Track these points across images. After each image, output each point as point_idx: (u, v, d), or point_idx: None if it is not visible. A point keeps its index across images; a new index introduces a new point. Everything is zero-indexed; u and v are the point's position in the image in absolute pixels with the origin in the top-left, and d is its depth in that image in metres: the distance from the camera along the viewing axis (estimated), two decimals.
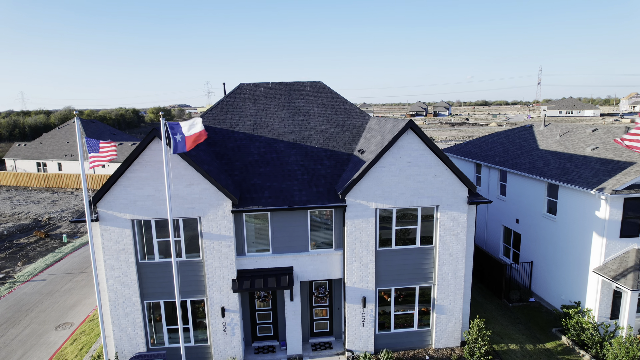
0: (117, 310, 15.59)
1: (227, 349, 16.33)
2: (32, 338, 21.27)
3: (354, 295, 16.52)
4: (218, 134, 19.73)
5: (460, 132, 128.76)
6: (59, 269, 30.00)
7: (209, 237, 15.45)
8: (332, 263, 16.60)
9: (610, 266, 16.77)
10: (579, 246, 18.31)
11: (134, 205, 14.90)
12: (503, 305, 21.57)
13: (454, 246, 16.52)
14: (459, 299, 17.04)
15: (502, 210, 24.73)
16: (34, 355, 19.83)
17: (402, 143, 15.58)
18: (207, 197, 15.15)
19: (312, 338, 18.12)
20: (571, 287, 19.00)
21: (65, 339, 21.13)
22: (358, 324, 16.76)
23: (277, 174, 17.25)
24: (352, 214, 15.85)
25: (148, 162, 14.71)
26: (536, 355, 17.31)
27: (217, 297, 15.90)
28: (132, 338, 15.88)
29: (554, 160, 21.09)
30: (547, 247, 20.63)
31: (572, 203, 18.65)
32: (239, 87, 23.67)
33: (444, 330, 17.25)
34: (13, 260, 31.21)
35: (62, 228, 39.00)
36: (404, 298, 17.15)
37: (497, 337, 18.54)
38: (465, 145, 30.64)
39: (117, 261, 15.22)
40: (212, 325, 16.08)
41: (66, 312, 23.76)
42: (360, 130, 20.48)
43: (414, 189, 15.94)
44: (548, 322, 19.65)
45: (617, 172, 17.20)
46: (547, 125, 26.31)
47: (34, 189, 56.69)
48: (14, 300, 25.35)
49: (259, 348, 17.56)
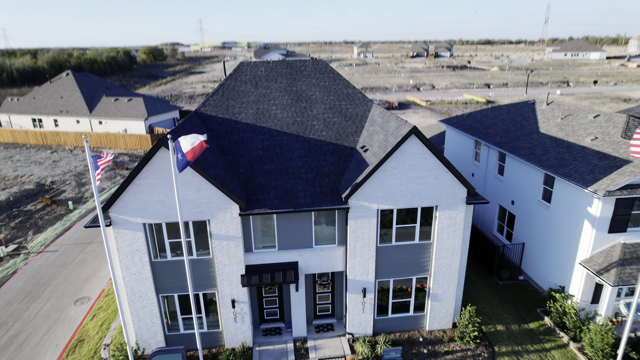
0: (135, 303, 16.74)
1: (237, 334, 17.76)
2: (54, 313, 22.78)
3: (355, 286, 17.68)
4: (221, 125, 19.78)
5: (461, 79, 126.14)
6: (69, 238, 31.14)
7: (218, 237, 16.20)
8: (334, 258, 17.56)
9: (596, 259, 17.83)
10: (569, 236, 19.26)
11: (144, 210, 15.45)
12: (494, 283, 23.02)
13: (451, 242, 17.41)
14: (452, 288, 18.26)
15: (499, 190, 25.44)
16: (58, 330, 21.41)
17: (405, 148, 15.85)
18: (215, 201, 15.67)
19: (316, 320, 19.59)
20: (558, 273, 20.24)
21: (85, 314, 22.66)
22: (358, 311, 18.10)
23: (281, 172, 17.64)
24: (355, 214, 16.51)
25: (156, 170, 15.03)
26: (520, 336, 18.93)
27: (227, 290, 17.01)
28: (150, 327, 17.20)
29: (553, 149, 21.42)
30: (539, 231, 21.62)
31: (567, 195, 19.31)
32: (240, 67, 23.23)
33: (438, 314, 18.68)
34: (24, 230, 32.24)
35: (67, 193, 39.72)
36: (402, 287, 18.36)
37: (486, 317, 20.10)
38: (466, 119, 30.62)
39: (131, 261, 16.08)
40: (224, 314, 17.36)
41: (82, 286, 25.18)
42: (363, 119, 20.52)
43: (415, 191, 16.48)
44: (534, 302, 21.16)
45: (613, 169, 17.67)
46: (549, 104, 26.22)
47: (32, 147, 56.61)
48: (31, 272, 26.67)
49: (267, 330, 19.05)
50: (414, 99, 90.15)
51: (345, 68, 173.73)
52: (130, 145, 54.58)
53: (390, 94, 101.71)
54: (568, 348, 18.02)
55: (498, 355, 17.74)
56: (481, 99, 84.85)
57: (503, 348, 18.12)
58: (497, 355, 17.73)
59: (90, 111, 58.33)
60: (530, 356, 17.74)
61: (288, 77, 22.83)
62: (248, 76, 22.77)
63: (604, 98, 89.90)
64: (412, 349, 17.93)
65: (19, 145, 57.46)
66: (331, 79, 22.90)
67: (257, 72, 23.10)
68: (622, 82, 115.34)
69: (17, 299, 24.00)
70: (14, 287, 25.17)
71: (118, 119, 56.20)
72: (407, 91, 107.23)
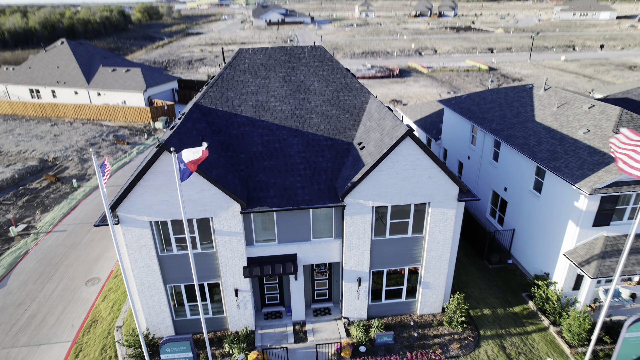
0: (144, 293, 17.88)
1: (241, 319, 19.06)
2: (67, 293, 24.13)
3: (350, 276, 18.77)
4: (221, 119, 20.16)
5: (464, 42, 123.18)
6: (75, 218, 32.16)
7: (221, 233, 17.07)
8: (331, 250, 18.53)
9: (579, 251, 18.81)
10: (556, 227, 20.15)
11: (150, 209, 16.21)
12: (484, 267, 24.20)
13: (442, 235, 18.31)
14: (442, 276, 19.37)
15: (493, 175, 26.11)
16: (72, 311, 22.81)
17: (399, 149, 16.38)
18: (217, 200, 16.41)
19: (314, 304, 20.88)
20: (544, 260, 21.31)
21: (96, 295, 24.01)
22: (354, 297, 19.30)
23: (280, 169, 18.25)
24: (351, 211, 17.29)
25: (160, 172, 15.65)
26: (504, 320, 20.27)
27: (230, 280, 18.11)
28: (158, 313, 18.45)
29: (546, 140, 21.87)
30: (529, 219, 22.50)
31: (556, 187, 20.02)
32: (238, 54, 23.26)
33: (428, 300, 19.91)
34: (31, 209, 33.22)
35: (70, 170, 40.40)
36: (395, 276, 19.47)
37: (474, 302, 21.38)
38: (464, 100, 30.74)
39: (139, 255, 17.04)
40: (227, 302, 18.57)
41: (91, 267, 26.43)
42: (360, 112, 20.85)
43: (409, 189, 17.17)
44: (520, 286, 22.40)
45: (601, 166, 18.26)
46: (546, 89, 26.33)
47: (31, 119, 56.65)
48: (42, 253, 27.87)
49: (268, 314, 20.37)
50: (415, 65, 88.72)
51: (346, 29, 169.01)
52: (130, 118, 54.61)
53: (392, 59, 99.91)
54: (548, 331, 19.39)
55: (483, 338, 19.12)
56: (483, 66, 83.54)
57: (488, 331, 19.49)
58: (482, 338, 19.11)
59: (88, 82, 57.84)
60: (512, 339, 19.12)
61: (287, 65, 22.90)
62: (247, 65, 22.84)
63: (609, 65, 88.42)
64: (404, 332, 19.29)
65: (18, 117, 57.47)
66: (329, 67, 22.97)
67: (255, 60, 23.13)
68: (629, 47, 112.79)
69: (32, 280, 25.31)
70: (27, 267, 26.43)
71: (116, 90, 55.86)
72: (409, 56, 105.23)
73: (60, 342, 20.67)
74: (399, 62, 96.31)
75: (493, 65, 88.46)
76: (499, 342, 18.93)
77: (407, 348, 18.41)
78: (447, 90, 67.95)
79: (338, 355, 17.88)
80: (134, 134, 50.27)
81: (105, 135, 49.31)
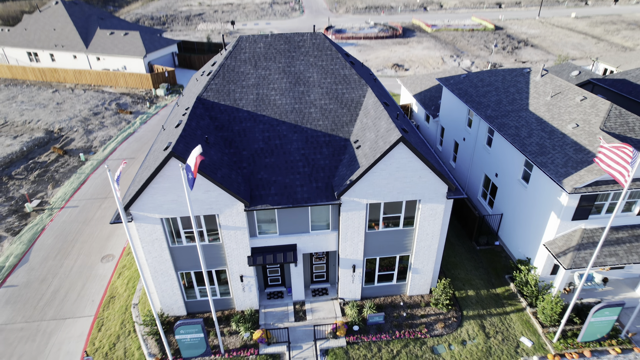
0: (158, 279, 19.66)
1: (246, 300, 21.01)
2: (85, 270, 26.11)
3: (346, 263, 20.44)
4: (224, 113, 20.96)
5: None
6: (85, 193, 33.65)
7: (227, 228, 18.52)
8: (328, 240, 20.06)
9: (558, 242, 20.30)
10: (539, 217, 21.51)
11: (160, 207, 17.55)
12: (472, 248, 25.89)
13: (431, 228, 19.74)
14: (431, 263, 21.03)
15: (486, 160, 27.13)
16: (91, 287, 24.88)
17: (393, 153, 17.37)
18: (222, 200, 17.69)
19: (312, 284, 22.77)
20: (527, 246, 22.88)
21: (112, 271, 25.99)
22: (349, 282, 21.11)
23: (281, 166, 19.34)
24: (346, 208, 18.60)
25: (169, 175, 16.81)
26: (487, 300, 22.20)
27: (235, 268, 19.81)
28: (171, 296, 20.36)
29: (537, 133, 22.68)
30: (516, 207, 23.83)
31: (542, 181, 21.15)
32: (239, 43, 23.57)
33: (417, 283, 21.74)
34: (43, 184, 34.64)
35: (76, 142, 41.38)
36: (387, 263, 21.14)
37: (460, 283, 23.25)
38: (462, 81, 31.03)
39: (152, 247, 18.61)
40: (234, 286, 20.41)
41: (105, 244, 28.26)
42: (358, 106, 21.56)
43: (401, 188, 18.36)
44: (504, 268, 24.17)
45: (583, 165, 19.28)
46: (543, 75, 26.66)
47: (32, 84, 56.66)
48: (58, 229, 29.63)
49: (270, 294, 22.32)
50: (419, 22, 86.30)
51: None
52: (131, 84, 54.61)
53: (396, 15, 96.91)
54: (524, 312, 21.36)
55: (465, 318, 21.13)
56: (489, 25, 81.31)
57: (470, 312, 21.47)
58: (464, 318, 21.12)
59: (87, 46, 57.16)
60: (492, 319, 21.14)
61: (286, 55, 23.26)
62: (247, 54, 23.21)
63: (621, 23, 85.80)
64: (394, 312, 21.28)
65: (19, 83, 57.44)
66: (329, 57, 23.34)
67: (256, 48, 23.46)
68: None
69: (51, 256, 27.23)
70: (46, 243, 28.28)
71: (116, 55, 55.37)
72: (414, 11, 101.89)
73: (84, 317, 22.86)
74: (403, 18, 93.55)
75: (499, 24, 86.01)
76: (479, 322, 20.95)
77: (396, 327, 20.46)
78: (450, 53, 66.87)
79: (334, 334, 19.96)
80: (136, 102, 50.61)
81: (108, 104, 49.72)
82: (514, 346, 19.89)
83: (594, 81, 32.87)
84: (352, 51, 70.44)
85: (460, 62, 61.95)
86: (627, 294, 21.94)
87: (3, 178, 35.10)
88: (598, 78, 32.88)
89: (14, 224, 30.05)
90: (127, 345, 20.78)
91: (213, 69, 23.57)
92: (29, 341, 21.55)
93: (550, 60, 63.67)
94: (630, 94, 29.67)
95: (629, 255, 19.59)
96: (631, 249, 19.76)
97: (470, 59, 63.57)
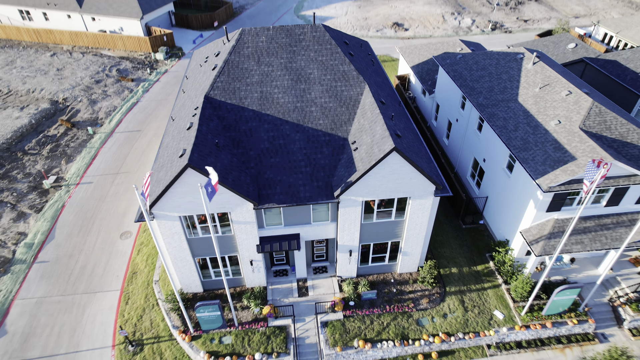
0: (177, 264, 22.30)
1: (255, 279, 23.87)
2: (106, 246, 28.79)
3: (343, 248, 23.03)
4: (230, 113, 22.46)
5: None
6: (97, 168, 35.57)
7: (238, 222, 20.83)
8: (328, 230, 22.48)
9: (532, 230, 22.78)
10: (519, 206, 23.81)
11: (179, 207, 19.72)
12: (458, 227, 28.48)
13: (420, 219, 22.10)
14: (419, 247, 23.65)
15: (476, 144, 28.92)
16: (114, 262, 27.70)
17: (386, 160, 19.24)
18: (234, 200, 19.82)
19: (313, 263, 25.56)
20: (507, 229, 25.42)
21: (131, 248, 28.69)
22: (346, 263, 23.86)
23: (285, 166, 21.24)
24: (344, 205, 20.80)
25: (186, 182, 18.78)
26: (468, 277, 25.15)
27: (246, 254, 22.41)
28: (189, 277, 23.14)
29: (522, 127, 24.32)
30: (499, 192, 26.06)
31: (523, 174, 23.19)
32: (241, 36, 24.42)
33: (406, 263, 24.53)
34: (56, 159, 36.42)
35: (82, 113, 42.49)
36: (380, 247, 23.75)
37: (445, 261, 26.07)
38: (458, 62, 31.88)
39: (172, 239, 21.03)
40: (244, 268, 23.14)
41: (122, 220, 30.72)
42: (356, 104, 22.99)
43: (393, 187, 20.44)
44: (486, 247, 26.91)
45: (560, 164, 21.24)
46: (535, 63, 27.66)
47: (28, 46, 56.18)
48: (77, 206, 31.94)
49: (276, 271, 25.15)
50: None
51: None
52: (130, 47, 54.31)
53: None
54: (500, 288, 24.38)
55: (448, 294, 24.16)
56: None
57: (453, 288, 24.48)
58: (447, 294, 24.15)
59: (80, 5, 55.96)
60: (471, 294, 24.18)
61: (288, 49, 24.21)
62: (250, 49, 24.15)
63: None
64: (385, 288, 24.27)
65: (14, 44, 56.88)
66: (328, 51, 24.31)
67: (258, 42, 24.35)
68: None
69: (74, 233, 29.80)
70: (67, 220, 30.73)
71: (112, 16, 54.47)
72: None
73: (111, 291, 25.88)
74: None
75: None
76: (460, 297, 24.01)
77: (386, 302, 23.52)
78: (451, 10, 65.49)
79: (332, 309, 23.03)
80: (136, 68, 50.82)
81: (109, 70, 49.98)
82: (488, 318, 23.09)
83: (586, 60, 33.70)
84: (352, 7, 68.81)
85: (461, 21, 61.06)
86: (591, 271, 24.87)
87: (18, 153, 36.81)
88: (591, 58, 33.68)
89: (35, 200, 32.30)
90: (152, 317, 23.95)
91: (218, 63, 24.57)
92: (67, 312, 24.69)
93: (554, 18, 62.69)
94: (619, 77, 30.78)
95: (592, 243, 22.17)
96: (596, 237, 22.30)
97: (472, 17, 62.52)
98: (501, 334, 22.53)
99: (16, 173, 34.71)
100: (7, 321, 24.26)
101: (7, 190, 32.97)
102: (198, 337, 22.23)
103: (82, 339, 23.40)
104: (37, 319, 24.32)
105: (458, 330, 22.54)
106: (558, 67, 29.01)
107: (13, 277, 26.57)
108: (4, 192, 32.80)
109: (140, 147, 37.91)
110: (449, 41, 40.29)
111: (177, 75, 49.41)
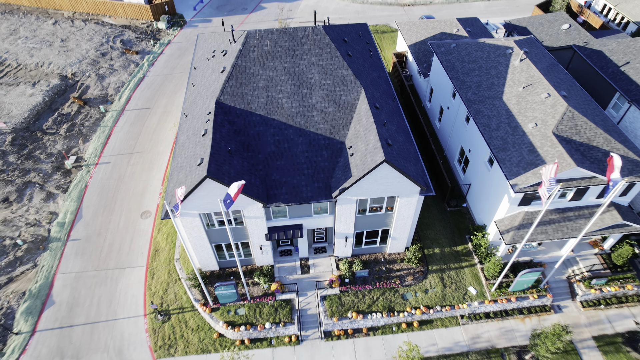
0: (197, 248, 25.93)
1: (264, 259, 27.66)
2: (129, 225, 32.35)
3: (340, 235, 26.57)
4: (240, 117, 24.95)
5: None
6: (113, 148, 38.27)
7: (249, 217, 24.14)
8: (326, 221, 25.86)
9: (506, 221, 26.17)
10: (495, 198, 26.99)
11: (199, 207, 22.92)
12: (443, 209, 31.86)
13: (406, 213, 25.39)
14: (406, 233, 27.17)
15: (463, 134, 31.50)
16: (138, 240, 31.39)
17: (378, 169, 22.13)
18: (246, 201, 22.96)
19: (314, 244, 29.25)
20: (485, 215, 28.80)
21: (152, 227, 32.24)
22: (342, 246, 27.52)
23: (289, 168, 24.12)
24: (341, 203, 23.99)
25: (205, 188, 21.80)
26: (448, 257, 28.95)
27: (256, 241, 25.97)
28: (207, 258, 26.88)
29: (504, 127, 26.84)
30: (480, 183, 29.13)
31: (499, 171, 26.12)
32: (247, 40, 26.24)
33: (395, 245, 28.20)
34: (73, 139, 38.99)
35: (92, 90, 44.29)
36: (372, 233, 27.27)
37: (429, 242, 29.73)
38: (452, 51, 33.48)
39: (193, 231, 24.46)
40: (254, 251, 26.83)
41: (140, 200, 34.00)
42: (353, 108, 25.40)
43: (383, 189, 23.51)
44: (466, 229, 30.45)
45: (531, 167, 24.11)
46: (522, 60, 29.50)
47: (28, 12, 56.28)
48: (99, 186, 35.07)
49: (282, 252, 28.90)
50: None
51: None
52: (131, 15, 54.54)
53: None
54: (475, 267, 28.26)
55: (430, 272, 28.07)
56: None
57: (435, 267, 28.34)
58: (429, 272, 28.06)
59: None
60: (450, 272, 28.10)
61: (290, 53, 26.12)
62: (256, 53, 26.07)
63: None
64: (376, 266, 28.13)
65: (14, 9, 56.88)
66: (328, 55, 26.24)
67: (263, 46, 26.21)
68: None
69: (99, 212, 33.21)
70: (92, 200, 34.02)
71: None
72: None
73: (138, 267, 29.79)
74: None
75: None
76: (440, 275, 27.94)
77: (377, 279, 27.49)
78: None
79: (330, 285, 27.03)
80: (139, 38, 51.56)
81: (112, 41, 50.78)
82: (463, 293, 27.17)
83: (575, 48, 35.21)
84: None
85: None
86: (555, 253, 28.63)
87: (37, 133, 39.30)
88: (578, 46, 35.16)
89: (60, 181, 35.40)
90: (176, 291, 28.04)
91: (226, 65, 26.54)
92: (102, 285, 28.75)
93: None
94: (602, 69, 32.63)
95: (555, 232, 25.64)
96: (559, 227, 25.73)
97: None
98: (473, 307, 26.71)
99: (39, 153, 37.49)
100: (53, 292, 28.38)
101: (34, 170, 35.95)
102: (217, 309, 26.41)
103: (118, 309, 27.62)
104: (77, 291, 28.43)
105: (437, 304, 26.69)
106: (545, 59, 30.74)
107: (52, 254, 30.38)
108: (30, 172, 35.80)
109: (151, 126, 40.28)
110: (446, 20, 41.21)
111: (181, 47, 50.35)
